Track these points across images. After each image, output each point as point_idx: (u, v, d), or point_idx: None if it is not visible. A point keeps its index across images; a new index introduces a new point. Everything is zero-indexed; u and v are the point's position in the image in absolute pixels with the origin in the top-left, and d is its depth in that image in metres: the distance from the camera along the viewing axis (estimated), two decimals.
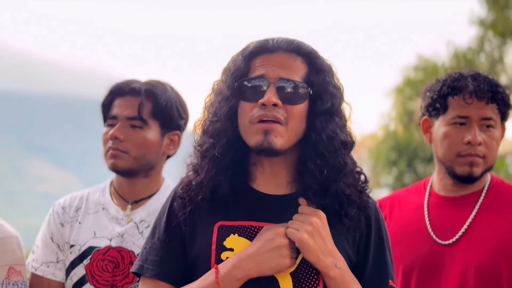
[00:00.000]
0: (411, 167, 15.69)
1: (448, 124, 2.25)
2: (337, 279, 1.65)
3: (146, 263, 1.74)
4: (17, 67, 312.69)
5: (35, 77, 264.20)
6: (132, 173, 2.28)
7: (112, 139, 2.25)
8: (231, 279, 1.63)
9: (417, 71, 16.06)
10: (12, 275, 2.09)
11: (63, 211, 2.32)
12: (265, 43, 1.74)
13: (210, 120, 1.74)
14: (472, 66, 14.28)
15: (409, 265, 2.23)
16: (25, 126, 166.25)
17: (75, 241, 2.26)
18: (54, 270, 2.27)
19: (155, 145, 2.28)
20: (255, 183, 1.74)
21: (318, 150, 1.69)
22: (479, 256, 2.17)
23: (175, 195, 1.78)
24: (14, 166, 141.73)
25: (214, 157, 1.70)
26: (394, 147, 15.82)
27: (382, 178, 15.98)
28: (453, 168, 2.24)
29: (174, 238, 1.73)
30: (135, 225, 2.25)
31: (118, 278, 2.20)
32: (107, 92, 2.32)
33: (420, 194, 2.37)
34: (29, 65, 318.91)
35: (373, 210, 1.77)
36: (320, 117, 1.70)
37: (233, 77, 1.72)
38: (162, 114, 2.27)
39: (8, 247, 2.10)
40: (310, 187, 1.69)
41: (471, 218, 2.24)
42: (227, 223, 1.70)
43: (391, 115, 16.61)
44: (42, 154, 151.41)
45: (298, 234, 1.63)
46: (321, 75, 1.72)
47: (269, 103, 1.65)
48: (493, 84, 2.23)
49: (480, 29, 14.80)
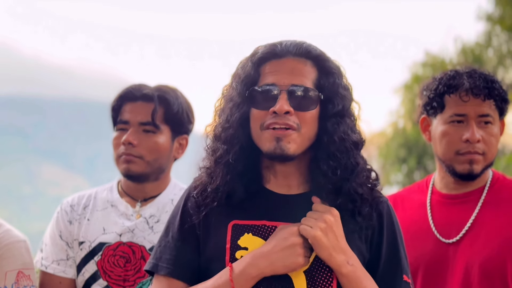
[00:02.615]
0: (421, 164, 15.61)
1: (446, 122, 2.25)
2: (349, 276, 1.67)
3: (160, 262, 1.76)
4: (29, 72, 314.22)
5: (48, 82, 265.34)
6: (144, 178, 2.30)
7: (125, 144, 2.27)
8: (246, 277, 1.65)
9: (425, 68, 15.96)
10: (21, 280, 2.12)
11: (71, 209, 2.35)
12: (274, 48, 1.74)
13: (222, 126, 1.75)
14: (480, 62, 14.22)
15: (414, 264, 2.22)
16: (37, 131, 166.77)
17: (84, 237, 2.29)
18: (64, 268, 2.30)
19: (167, 149, 2.32)
20: (268, 184, 1.77)
21: (331, 151, 1.71)
22: (484, 253, 2.16)
23: (189, 194, 1.80)
24: (26, 170, 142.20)
25: (228, 164, 1.72)
26: (404, 144, 15.74)
27: (392, 176, 15.90)
28: (453, 167, 2.24)
29: (188, 237, 1.76)
30: (145, 220, 2.28)
31: (130, 273, 2.23)
32: (116, 96, 2.34)
33: (423, 193, 2.37)
34: (41, 71, 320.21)
35: (385, 207, 1.79)
36: (332, 120, 1.72)
37: (243, 84, 1.74)
38: (173, 119, 2.31)
39: (17, 251, 2.13)
40: (324, 187, 1.71)
41: (474, 215, 2.23)
42: (241, 222, 1.72)
43: (400, 112, 16.52)
44: (53, 159, 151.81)
45: (311, 231, 1.65)
46: (331, 78, 1.74)
47: (281, 111, 1.67)
48: (489, 80, 2.22)
49: (488, 24, 14.72)
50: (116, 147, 2.32)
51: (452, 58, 15.36)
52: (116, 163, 2.33)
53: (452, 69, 2.29)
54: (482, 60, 14.50)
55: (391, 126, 16.89)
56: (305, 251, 1.67)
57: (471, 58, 14.69)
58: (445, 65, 14.93)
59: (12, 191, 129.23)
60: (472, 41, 15.15)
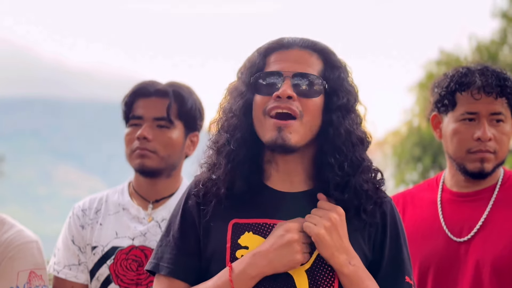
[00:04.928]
0: (436, 163, 15.54)
1: (457, 120, 2.23)
2: (351, 276, 1.65)
3: (161, 261, 1.74)
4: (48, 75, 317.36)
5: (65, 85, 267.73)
6: (157, 173, 2.30)
7: (139, 139, 2.27)
8: (245, 277, 1.63)
9: (439, 66, 15.90)
10: (33, 279, 2.13)
11: (83, 214, 2.34)
12: (281, 40, 1.76)
13: (226, 116, 1.75)
14: (496, 59, 14.13)
15: (425, 263, 2.22)
16: (53, 132, 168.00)
17: (97, 242, 2.29)
18: (76, 273, 2.30)
19: (180, 145, 2.32)
20: (269, 180, 1.75)
21: (336, 144, 1.69)
22: (495, 251, 2.15)
23: (189, 192, 1.79)
24: (42, 171, 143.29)
25: (230, 152, 1.71)
26: (418, 143, 15.69)
27: (407, 175, 15.85)
28: (464, 165, 2.23)
29: (189, 236, 1.74)
30: (157, 224, 2.28)
31: (142, 277, 2.22)
32: (129, 92, 2.34)
33: (433, 191, 2.35)
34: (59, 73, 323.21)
35: (388, 207, 1.77)
36: (337, 112, 1.70)
37: (248, 72, 1.74)
38: (187, 115, 2.31)
39: (29, 251, 2.13)
40: (331, 181, 1.69)
41: (485, 214, 2.21)
42: (242, 221, 1.70)
43: (415, 111, 16.47)
44: (69, 160, 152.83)
45: (315, 228, 1.63)
46: (336, 71, 1.73)
47: (284, 95, 1.66)
48: (501, 78, 2.20)
49: (503, 21, 14.64)
50: (129, 142, 2.31)
51: (467, 55, 15.28)
52: (128, 158, 2.32)
53: (463, 66, 2.28)
54: (497, 58, 14.41)
55: (405, 124, 16.83)
56: (304, 248, 1.65)
57: (486, 56, 14.61)
58: (460, 63, 14.78)
59: (28, 192, 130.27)
60: (487, 39, 15.08)
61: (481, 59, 13.99)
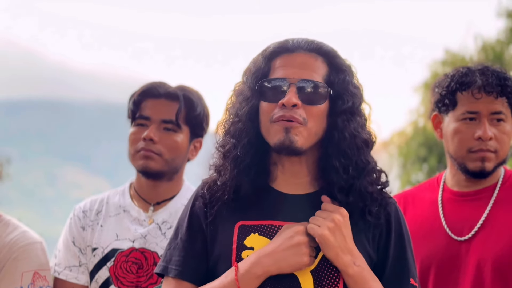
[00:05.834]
0: (442, 163, 15.48)
1: (458, 120, 2.24)
2: (355, 276, 1.66)
3: (170, 264, 1.76)
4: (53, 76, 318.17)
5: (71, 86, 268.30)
6: (160, 175, 2.30)
7: (145, 140, 2.26)
8: (251, 276, 1.65)
9: (445, 66, 15.85)
10: (37, 280, 2.15)
11: (84, 215, 2.35)
12: (285, 43, 1.76)
13: (232, 121, 1.76)
14: (501, 59, 14.08)
15: (426, 262, 2.22)
16: (59, 133, 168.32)
17: (97, 244, 2.29)
18: (77, 274, 2.30)
19: (184, 150, 2.32)
20: (275, 183, 1.76)
21: (341, 148, 1.70)
22: (496, 250, 2.15)
23: (197, 195, 1.80)
24: (48, 173, 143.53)
25: (236, 157, 1.72)
26: (424, 143, 15.64)
27: (412, 175, 15.81)
28: (465, 164, 2.23)
29: (196, 238, 1.76)
30: (158, 226, 2.28)
31: (142, 279, 2.23)
32: (138, 91, 2.33)
33: (434, 190, 2.36)
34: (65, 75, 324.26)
35: (393, 208, 1.78)
36: (342, 116, 1.72)
37: (253, 77, 1.75)
38: (194, 121, 2.31)
39: (33, 252, 2.15)
40: (336, 184, 1.71)
41: (486, 213, 2.22)
42: (248, 222, 1.72)
43: (420, 111, 16.43)
44: (75, 161, 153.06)
45: (319, 230, 1.64)
46: (341, 75, 1.74)
47: (289, 104, 1.68)
48: (501, 78, 2.20)
49: (509, 20, 14.59)
50: (133, 142, 2.30)
51: (472, 55, 15.22)
52: (131, 158, 2.31)
53: (464, 66, 2.29)
54: (503, 57, 14.36)
55: (411, 125, 16.79)
56: (311, 250, 1.66)
57: (491, 56, 14.56)
58: (465, 63, 14.72)
59: (34, 193, 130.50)
60: (493, 38, 15.02)
61: (486, 59, 13.95)
